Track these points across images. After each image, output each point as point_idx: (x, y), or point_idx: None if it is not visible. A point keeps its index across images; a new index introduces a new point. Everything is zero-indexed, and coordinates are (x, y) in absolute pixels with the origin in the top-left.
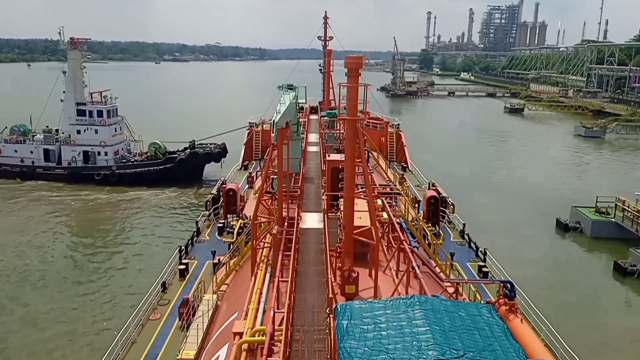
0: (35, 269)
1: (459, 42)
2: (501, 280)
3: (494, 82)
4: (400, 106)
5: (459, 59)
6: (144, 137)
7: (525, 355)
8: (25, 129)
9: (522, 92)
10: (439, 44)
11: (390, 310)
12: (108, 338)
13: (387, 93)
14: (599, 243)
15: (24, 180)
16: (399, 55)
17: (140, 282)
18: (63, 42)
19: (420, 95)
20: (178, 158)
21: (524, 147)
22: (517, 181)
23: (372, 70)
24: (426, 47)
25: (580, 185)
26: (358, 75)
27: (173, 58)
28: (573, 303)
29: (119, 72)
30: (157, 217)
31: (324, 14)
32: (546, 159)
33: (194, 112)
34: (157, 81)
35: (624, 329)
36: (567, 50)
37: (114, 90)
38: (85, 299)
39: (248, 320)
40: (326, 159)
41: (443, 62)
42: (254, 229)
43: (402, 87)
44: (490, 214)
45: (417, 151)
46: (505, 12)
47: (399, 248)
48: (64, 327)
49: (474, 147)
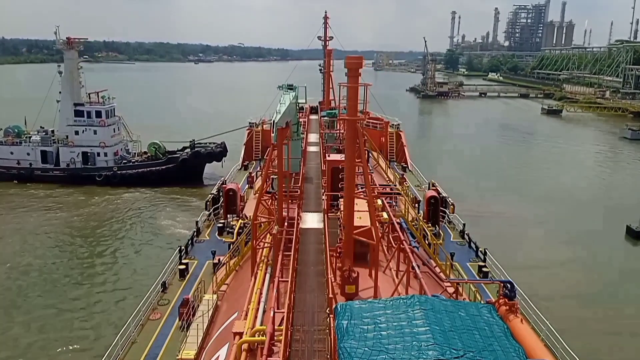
0: (35, 269)
1: (483, 42)
2: (501, 280)
3: (524, 82)
4: (432, 107)
5: (484, 59)
6: (141, 137)
7: (525, 355)
8: (20, 130)
9: (556, 93)
10: (463, 43)
11: (390, 310)
12: (108, 338)
13: (418, 94)
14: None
15: (22, 182)
16: (429, 56)
17: (140, 282)
18: (59, 41)
19: (451, 96)
20: (181, 158)
21: (572, 150)
22: (572, 186)
23: (396, 71)
24: (450, 47)
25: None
26: (358, 75)
27: (197, 59)
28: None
29: (153, 73)
30: (157, 217)
31: (324, 14)
32: (597, 163)
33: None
34: (209, 80)
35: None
36: (600, 51)
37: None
38: (85, 299)
39: (248, 320)
40: (326, 159)
41: (469, 62)
42: (254, 229)
43: (433, 87)
44: (553, 224)
45: (460, 155)
46: (532, 11)
47: (399, 248)
48: (64, 327)
49: (522, 151)
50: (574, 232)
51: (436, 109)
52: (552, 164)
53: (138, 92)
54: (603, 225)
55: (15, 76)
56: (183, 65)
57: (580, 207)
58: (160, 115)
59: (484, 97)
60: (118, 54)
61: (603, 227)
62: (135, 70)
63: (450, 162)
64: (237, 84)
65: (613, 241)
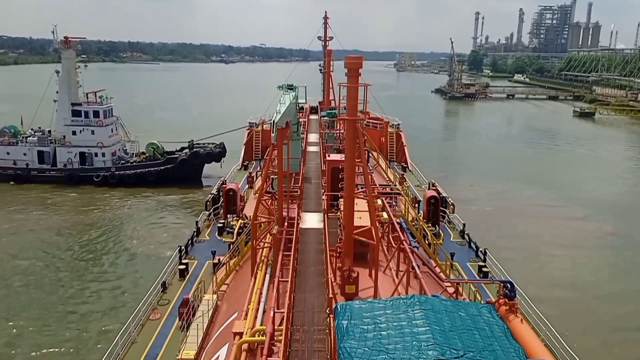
0: (35, 269)
1: (507, 43)
2: (501, 280)
3: (551, 84)
4: (460, 108)
5: (509, 60)
6: (139, 137)
7: (525, 355)
8: (16, 130)
9: (586, 96)
10: (486, 44)
11: (390, 310)
12: (108, 338)
13: (444, 95)
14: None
15: (19, 183)
16: (455, 57)
17: (141, 282)
18: (56, 41)
19: (478, 98)
20: (180, 158)
21: (615, 156)
22: (630, 194)
23: (418, 72)
24: (473, 47)
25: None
26: (358, 75)
27: (220, 59)
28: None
29: (175, 72)
30: (157, 217)
31: (324, 14)
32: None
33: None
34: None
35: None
36: (630, 53)
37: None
38: (85, 299)
39: (248, 320)
40: (326, 159)
41: (494, 64)
42: (254, 229)
43: (460, 89)
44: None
45: (498, 159)
46: (557, 12)
47: (399, 248)
48: (64, 327)
49: (563, 155)
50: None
51: (464, 110)
52: (600, 167)
53: (163, 92)
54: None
55: (40, 75)
56: (205, 65)
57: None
58: (182, 115)
59: (512, 98)
60: (142, 54)
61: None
62: (159, 71)
63: (488, 164)
64: (259, 83)
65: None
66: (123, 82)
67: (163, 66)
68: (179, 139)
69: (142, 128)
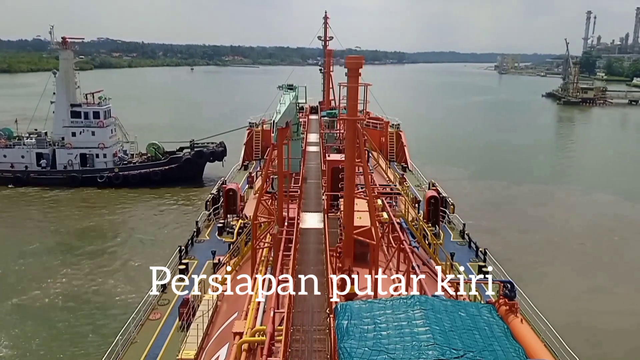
0: (35, 269)
1: (622, 44)
2: (501, 280)
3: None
4: (579, 115)
5: (625, 63)
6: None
7: (525, 355)
8: (10, 133)
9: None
10: (599, 45)
11: (390, 311)
12: (108, 338)
13: (558, 100)
14: None
15: (18, 186)
16: (570, 59)
17: (141, 282)
18: (54, 42)
19: (596, 103)
20: (184, 158)
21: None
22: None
23: (522, 74)
24: (584, 49)
25: None
26: (358, 75)
27: (315, 62)
28: None
29: (273, 75)
30: (157, 217)
31: (324, 14)
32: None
33: None
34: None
35: None
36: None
37: None
38: (85, 299)
39: (248, 320)
40: (326, 159)
41: (609, 66)
42: (254, 229)
43: (577, 93)
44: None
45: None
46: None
47: (399, 248)
48: (64, 328)
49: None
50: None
51: (585, 118)
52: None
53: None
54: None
55: (154, 78)
56: (302, 68)
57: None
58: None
59: (635, 105)
60: (243, 57)
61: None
62: (259, 73)
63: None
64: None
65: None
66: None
67: (262, 69)
68: (178, 139)
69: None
